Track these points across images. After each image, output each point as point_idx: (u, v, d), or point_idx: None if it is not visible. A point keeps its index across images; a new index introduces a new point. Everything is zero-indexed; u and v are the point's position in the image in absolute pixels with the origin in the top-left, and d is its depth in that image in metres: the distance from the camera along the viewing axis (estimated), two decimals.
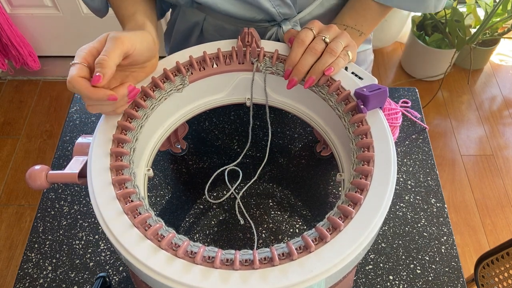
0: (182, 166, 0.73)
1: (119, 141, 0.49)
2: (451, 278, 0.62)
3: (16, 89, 1.86)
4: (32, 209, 1.52)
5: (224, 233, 0.66)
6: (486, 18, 1.52)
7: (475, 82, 1.90)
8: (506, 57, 1.99)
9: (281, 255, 0.41)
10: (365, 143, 0.49)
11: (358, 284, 0.62)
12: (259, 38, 0.57)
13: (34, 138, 1.69)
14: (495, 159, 1.66)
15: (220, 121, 0.79)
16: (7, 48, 1.73)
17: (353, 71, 0.55)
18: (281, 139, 0.76)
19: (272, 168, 0.73)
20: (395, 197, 0.70)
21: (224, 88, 0.60)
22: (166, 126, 0.59)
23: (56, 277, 0.63)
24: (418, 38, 1.75)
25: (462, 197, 1.56)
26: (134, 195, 0.46)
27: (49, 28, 1.80)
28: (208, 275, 0.39)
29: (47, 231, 0.67)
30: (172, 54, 0.57)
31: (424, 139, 0.77)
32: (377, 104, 0.51)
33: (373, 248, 0.65)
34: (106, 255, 0.64)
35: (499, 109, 1.81)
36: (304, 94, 0.57)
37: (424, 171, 0.73)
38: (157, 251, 0.41)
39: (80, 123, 0.80)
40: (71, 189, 0.71)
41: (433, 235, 0.66)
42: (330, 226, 0.43)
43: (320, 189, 0.70)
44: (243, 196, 0.69)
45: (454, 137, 1.72)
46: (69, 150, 0.76)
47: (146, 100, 0.53)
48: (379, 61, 1.96)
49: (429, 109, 1.78)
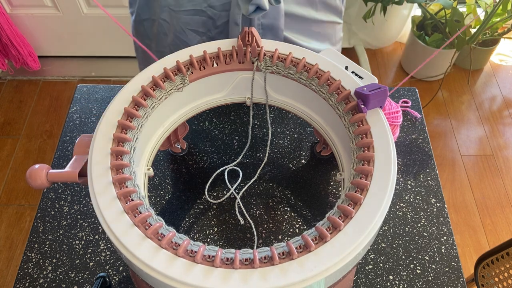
0: (182, 166, 0.73)
1: (119, 140, 0.49)
2: (451, 278, 0.62)
3: (16, 89, 1.86)
4: (32, 209, 1.52)
5: (224, 233, 0.66)
6: (486, 18, 1.52)
7: (475, 82, 1.90)
8: (506, 57, 1.99)
9: (281, 254, 0.41)
10: (365, 142, 0.49)
11: (358, 284, 0.62)
12: (259, 37, 0.57)
13: (34, 138, 1.69)
14: (495, 159, 1.66)
15: (220, 121, 0.79)
16: (7, 48, 1.73)
17: (353, 70, 0.55)
18: (281, 139, 0.76)
19: (272, 168, 0.73)
20: (395, 197, 0.70)
21: (224, 87, 0.60)
22: (167, 125, 0.59)
23: (56, 277, 0.63)
24: (418, 38, 1.75)
25: (462, 197, 1.56)
26: (134, 194, 0.46)
27: (49, 28, 1.80)
28: (208, 274, 0.39)
29: (47, 231, 0.67)
30: (172, 54, 0.57)
31: (424, 139, 0.77)
32: (377, 104, 0.51)
33: (373, 248, 0.65)
34: (106, 255, 0.64)
35: (499, 109, 1.81)
36: (304, 94, 0.58)
37: (424, 171, 0.73)
38: (157, 250, 0.41)
39: (80, 123, 0.80)
40: (71, 189, 0.71)
41: (433, 235, 0.66)
42: (330, 226, 0.43)
43: (320, 189, 0.70)
44: (243, 196, 0.69)
45: (454, 137, 1.72)
46: (69, 150, 0.76)
47: (146, 99, 0.53)
48: (379, 61, 1.96)
49: (429, 109, 1.78)
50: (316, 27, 0.77)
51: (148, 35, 0.77)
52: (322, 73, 0.55)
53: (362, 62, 1.86)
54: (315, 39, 0.78)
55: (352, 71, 0.56)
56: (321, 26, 0.78)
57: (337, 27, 0.81)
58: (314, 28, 0.77)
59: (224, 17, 0.70)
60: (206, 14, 0.70)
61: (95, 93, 0.84)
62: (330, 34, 0.80)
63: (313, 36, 0.78)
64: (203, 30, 0.73)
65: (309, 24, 0.76)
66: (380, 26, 1.79)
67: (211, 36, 0.73)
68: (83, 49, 1.90)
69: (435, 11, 1.68)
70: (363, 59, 1.87)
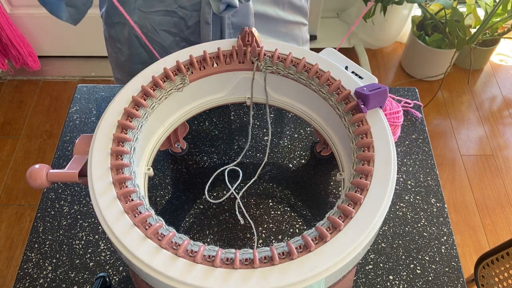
0: (182, 166, 0.73)
1: (119, 140, 0.49)
2: (451, 278, 0.62)
3: (16, 89, 1.86)
4: (32, 209, 1.52)
5: (224, 233, 0.66)
6: (486, 18, 1.52)
7: (475, 82, 1.90)
8: (506, 57, 1.99)
9: (281, 254, 0.41)
10: (365, 142, 0.49)
11: (358, 284, 0.62)
12: (259, 37, 0.57)
13: (34, 138, 1.69)
14: (495, 159, 1.66)
15: (220, 121, 0.79)
16: (7, 48, 1.73)
17: (353, 70, 0.55)
18: (281, 139, 0.76)
19: (272, 168, 0.73)
20: (395, 197, 0.70)
21: (225, 87, 0.60)
22: (167, 125, 0.59)
23: (56, 277, 0.63)
24: (418, 38, 1.75)
25: (462, 197, 1.56)
26: (134, 194, 0.46)
27: (49, 28, 1.80)
28: (208, 274, 0.39)
29: (47, 231, 0.67)
30: (172, 54, 0.57)
31: (424, 139, 0.77)
32: (377, 104, 0.51)
33: (373, 248, 0.65)
34: (106, 255, 0.64)
35: (499, 109, 1.81)
36: (304, 94, 0.58)
37: (424, 171, 0.73)
38: (158, 250, 0.41)
39: (80, 123, 0.80)
40: (71, 189, 0.71)
41: (433, 235, 0.66)
42: (330, 226, 0.43)
43: (320, 189, 0.70)
44: (243, 196, 0.69)
45: (454, 137, 1.72)
46: (69, 150, 0.76)
47: (147, 99, 0.53)
48: (379, 61, 1.96)
49: (429, 109, 1.78)
50: (283, 28, 0.79)
51: (120, 38, 0.77)
52: (322, 73, 0.55)
53: (362, 62, 1.86)
54: (282, 39, 0.80)
55: (352, 71, 0.56)
56: (288, 26, 0.79)
57: (303, 29, 0.83)
58: (281, 29, 0.79)
59: (195, 17, 0.70)
60: (177, 14, 0.70)
61: (95, 93, 0.84)
62: (297, 35, 0.82)
63: (281, 37, 0.79)
64: (176, 31, 0.73)
65: (276, 24, 0.77)
66: (380, 26, 1.79)
67: (184, 37, 0.74)
68: (83, 49, 1.90)
69: (435, 11, 1.68)
70: (363, 59, 1.87)
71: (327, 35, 1.91)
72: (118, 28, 0.76)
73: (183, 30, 0.72)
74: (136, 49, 0.77)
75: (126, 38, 0.76)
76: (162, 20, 0.71)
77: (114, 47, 0.80)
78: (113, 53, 0.82)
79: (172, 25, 0.72)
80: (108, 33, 0.79)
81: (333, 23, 1.97)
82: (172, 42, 0.74)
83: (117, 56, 0.81)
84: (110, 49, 0.83)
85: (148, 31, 0.72)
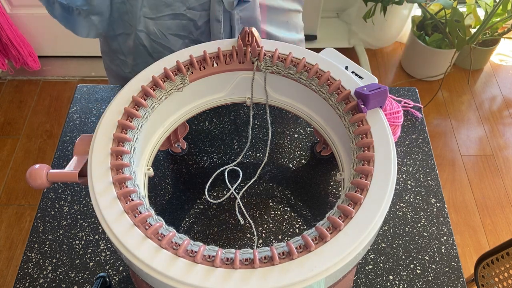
0: (182, 166, 0.73)
1: (119, 140, 0.49)
2: (451, 278, 0.62)
3: (16, 89, 1.86)
4: (32, 209, 1.52)
5: (224, 233, 0.66)
6: (486, 18, 1.52)
7: (475, 82, 1.90)
8: (506, 57, 1.99)
9: (281, 254, 0.41)
10: (365, 142, 0.49)
11: (358, 284, 0.62)
12: (259, 37, 0.57)
13: (34, 138, 1.69)
14: (495, 159, 1.66)
15: (220, 121, 0.79)
16: (7, 48, 1.73)
17: (353, 70, 0.55)
18: (281, 139, 0.76)
19: (272, 168, 0.73)
20: (395, 197, 0.70)
21: (225, 87, 0.60)
22: (167, 125, 0.59)
23: (56, 277, 0.63)
24: (418, 38, 1.75)
25: (462, 197, 1.56)
26: (134, 194, 0.46)
27: (49, 28, 1.80)
28: (208, 274, 0.39)
29: (47, 231, 0.67)
30: (172, 54, 0.57)
31: (424, 139, 0.77)
32: (377, 104, 0.51)
33: (373, 248, 0.65)
34: (106, 255, 0.64)
35: (499, 109, 1.81)
36: (304, 94, 0.58)
37: (424, 171, 0.73)
38: (158, 250, 0.41)
39: (80, 123, 0.80)
40: (71, 189, 0.71)
41: (433, 235, 0.66)
42: (330, 226, 0.43)
43: (320, 189, 0.70)
44: (243, 196, 0.69)
45: (454, 137, 1.72)
46: (69, 150, 0.76)
47: (147, 99, 0.53)
48: (379, 61, 1.96)
49: (429, 109, 1.78)
50: (283, 17, 0.79)
51: (123, 50, 0.77)
52: (322, 73, 0.55)
53: (362, 62, 1.86)
54: (283, 28, 0.80)
55: (352, 71, 0.56)
56: (287, 15, 0.80)
57: (299, 16, 0.84)
58: (281, 18, 0.79)
59: (205, 17, 0.70)
60: (186, 17, 0.70)
61: (95, 93, 0.84)
62: (296, 23, 0.83)
63: (281, 25, 0.80)
64: (185, 34, 0.73)
65: (277, 13, 0.78)
66: (380, 26, 1.79)
67: (193, 39, 0.74)
68: (83, 49, 1.90)
69: (435, 11, 1.68)
70: (363, 59, 1.87)
71: (327, 35, 1.91)
72: (121, 39, 0.75)
73: (192, 32, 0.72)
74: (144, 58, 0.76)
75: (131, 48, 0.76)
76: (170, 24, 0.71)
77: (116, 59, 0.79)
78: (113, 66, 0.82)
79: (181, 28, 0.72)
80: (109, 46, 0.78)
81: (333, 23, 1.97)
82: (182, 45, 0.74)
83: (119, 69, 0.80)
84: (109, 63, 0.82)
85: (156, 37, 0.72)
